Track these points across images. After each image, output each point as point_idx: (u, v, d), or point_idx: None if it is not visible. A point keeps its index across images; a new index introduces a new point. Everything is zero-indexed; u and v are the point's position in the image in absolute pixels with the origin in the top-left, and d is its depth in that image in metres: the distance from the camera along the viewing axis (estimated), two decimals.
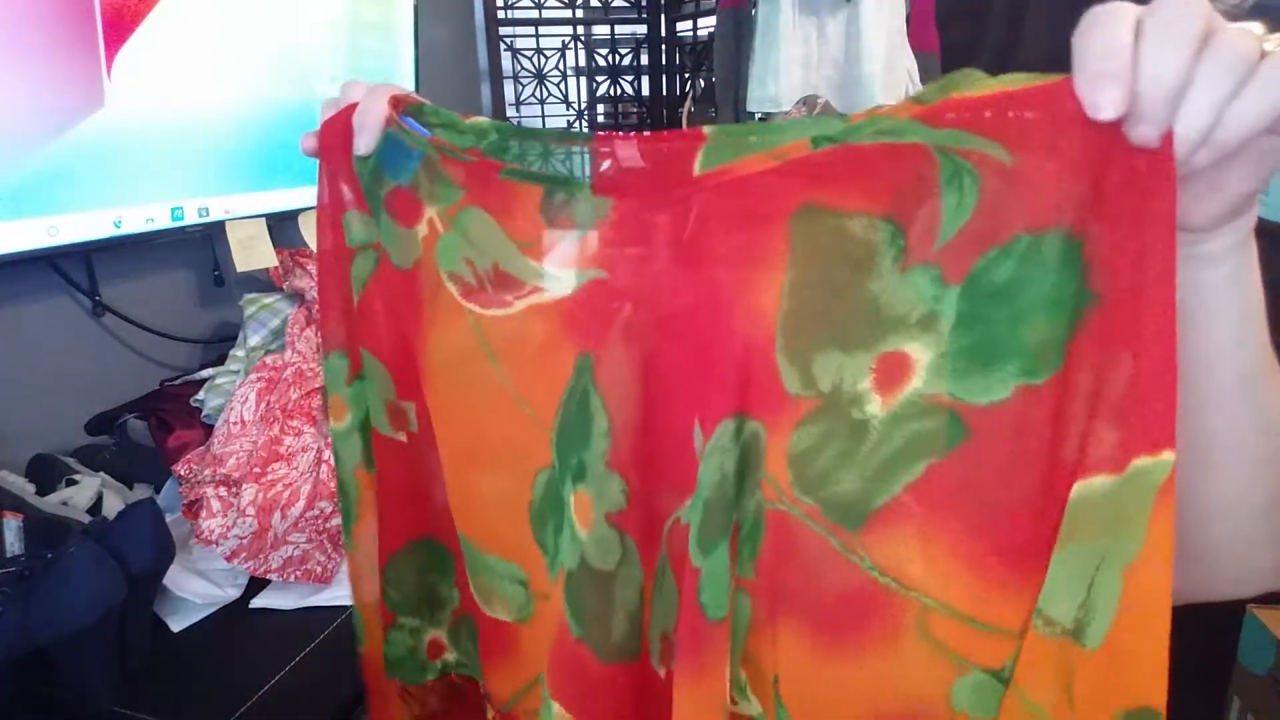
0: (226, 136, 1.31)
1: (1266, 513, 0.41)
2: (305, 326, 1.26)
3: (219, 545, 0.95)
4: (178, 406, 1.14)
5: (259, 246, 1.34)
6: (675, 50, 2.30)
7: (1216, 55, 0.30)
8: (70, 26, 1.03)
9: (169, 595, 0.90)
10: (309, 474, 1.08)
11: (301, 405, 1.13)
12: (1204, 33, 0.30)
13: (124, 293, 1.25)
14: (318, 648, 0.86)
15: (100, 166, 1.11)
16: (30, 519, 0.87)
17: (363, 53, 1.61)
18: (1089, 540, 0.34)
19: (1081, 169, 0.33)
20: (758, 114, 1.81)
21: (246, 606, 0.93)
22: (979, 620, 0.38)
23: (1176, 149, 0.31)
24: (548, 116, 2.35)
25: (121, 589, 0.74)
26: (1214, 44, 0.30)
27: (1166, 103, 0.31)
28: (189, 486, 1.02)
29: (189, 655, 0.86)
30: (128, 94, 1.11)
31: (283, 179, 1.44)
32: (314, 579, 0.95)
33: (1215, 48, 0.30)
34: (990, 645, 0.38)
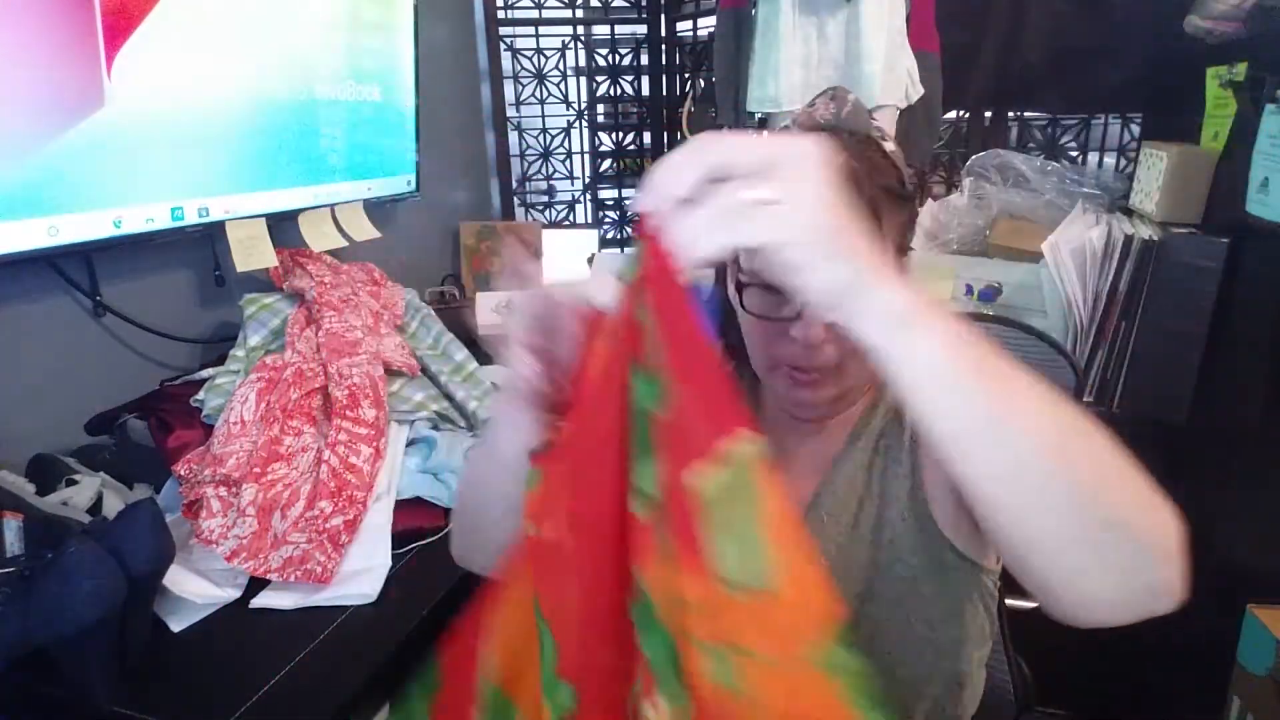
0: (226, 136, 1.31)
1: (1079, 546, 0.43)
2: (305, 326, 1.26)
3: (219, 545, 0.95)
4: (178, 406, 1.14)
5: (259, 246, 1.34)
6: (675, 50, 2.30)
7: (709, 198, 0.40)
8: (70, 26, 1.03)
9: (169, 595, 0.90)
10: (309, 474, 1.08)
11: (301, 405, 1.13)
12: (705, 178, 0.41)
13: (124, 293, 1.25)
14: (318, 648, 0.86)
15: (100, 166, 1.11)
16: (30, 519, 0.86)
17: (363, 53, 1.61)
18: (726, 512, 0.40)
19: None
20: (758, 114, 1.81)
21: (246, 606, 0.93)
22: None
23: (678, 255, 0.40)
24: (547, 116, 2.35)
25: (121, 589, 0.74)
26: (714, 190, 0.40)
27: (668, 219, 0.41)
28: (189, 486, 1.02)
29: (189, 655, 0.86)
30: (128, 94, 1.11)
31: (283, 179, 1.44)
32: (314, 579, 0.95)
33: (712, 193, 0.40)
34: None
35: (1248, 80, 1.34)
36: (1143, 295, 1.47)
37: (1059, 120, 1.96)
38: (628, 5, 2.32)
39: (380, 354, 1.24)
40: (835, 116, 0.72)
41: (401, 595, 0.95)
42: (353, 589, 0.95)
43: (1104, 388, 1.53)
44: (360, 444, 1.10)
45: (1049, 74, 1.85)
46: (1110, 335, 1.51)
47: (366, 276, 1.50)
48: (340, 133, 1.57)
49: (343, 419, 1.11)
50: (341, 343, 1.21)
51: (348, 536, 1.01)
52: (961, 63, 1.86)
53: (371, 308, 1.36)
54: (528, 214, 2.44)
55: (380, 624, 0.90)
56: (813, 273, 0.41)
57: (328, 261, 1.45)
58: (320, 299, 1.29)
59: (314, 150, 1.51)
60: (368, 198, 1.66)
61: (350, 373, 1.16)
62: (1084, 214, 1.60)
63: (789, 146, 0.41)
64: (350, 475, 1.06)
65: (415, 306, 1.51)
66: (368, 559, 1.01)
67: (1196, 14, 1.40)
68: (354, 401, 1.13)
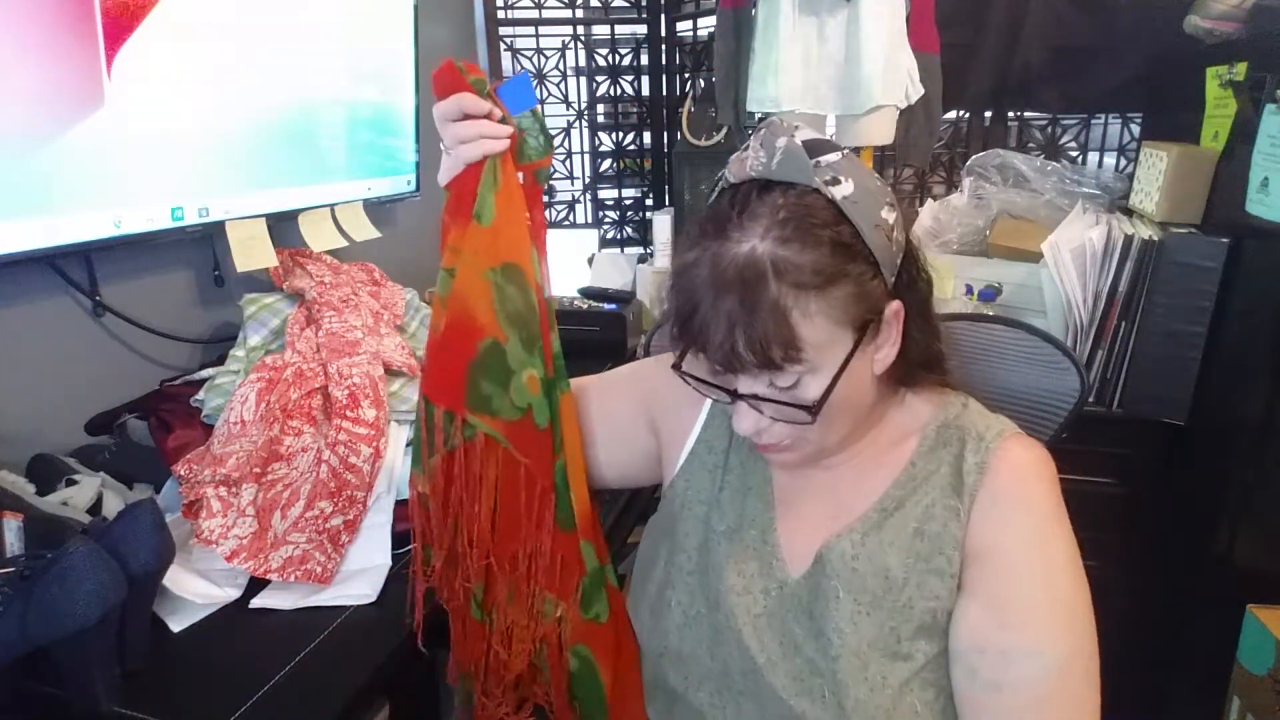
0: (226, 136, 1.31)
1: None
2: (305, 326, 1.26)
3: (219, 545, 0.95)
4: (178, 406, 1.14)
5: (259, 246, 1.34)
6: (675, 50, 2.30)
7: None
8: (70, 26, 1.03)
9: (169, 595, 0.90)
10: (309, 474, 1.08)
11: (301, 405, 1.13)
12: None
13: (124, 293, 1.25)
14: (318, 648, 0.86)
15: (100, 166, 1.11)
16: (30, 519, 0.86)
17: (363, 53, 1.61)
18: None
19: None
20: (758, 114, 1.81)
21: (246, 606, 0.93)
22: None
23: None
24: (548, 116, 2.35)
25: (121, 589, 0.74)
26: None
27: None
28: (189, 486, 1.02)
29: (189, 655, 0.86)
30: (128, 94, 1.11)
31: (283, 179, 1.44)
32: (314, 579, 0.95)
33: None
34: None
35: (1248, 80, 1.34)
36: (1143, 295, 1.47)
37: (1059, 120, 1.96)
38: (628, 5, 2.32)
39: (380, 354, 1.24)
40: (765, 167, 0.64)
41: (401, 595, 0.95)
42: (353, 589, 0.95)
43: (1104, 388, 1.54)
44: (360, 444, 1.10)
45: (1049, 74, 1.86)
46: (1110, 335, 1.51)
47: (366, 276, 1.50)
48: (340, 133, 1.57)
49: (343, 419, 1.11)
50: (341, 343, 1.21)
51: (348, 536, 1.01)
52: (961, 63, 1.86)
53: (371, 308, 1.36)
54: None
55: (380, 624, 0.90)
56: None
57: (328, 261, 1.45)
58: (320, 299, 1.29)
59: (314, 150, 1.51)
60: (368, 198, 1.66)
61: (350, 373, 1.16)
62: (1084, 214, 1.60)
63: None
64: (350, 475, 1.06)
65: (415, 306, 1.51)
66: (368, 559, 1.01)
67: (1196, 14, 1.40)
68: (354, 401, 1.13)
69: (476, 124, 0.71)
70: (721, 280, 0.61)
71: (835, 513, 0.74)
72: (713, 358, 0.63)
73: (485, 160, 0.72)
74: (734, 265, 0.60)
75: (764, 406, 0.65)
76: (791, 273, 0.60)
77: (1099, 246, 1.48)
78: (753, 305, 0.59)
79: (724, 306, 0.60)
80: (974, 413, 0.74)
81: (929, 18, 1.72)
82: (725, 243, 0.62)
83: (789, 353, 0.60)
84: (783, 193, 0.63)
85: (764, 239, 0.61)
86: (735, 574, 0.74)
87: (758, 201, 0.63)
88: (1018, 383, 0.87)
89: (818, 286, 0.61)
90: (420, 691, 1.03)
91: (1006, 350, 0.87)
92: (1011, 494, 0.68)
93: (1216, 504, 1.33)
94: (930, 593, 0.68)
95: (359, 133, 1.62)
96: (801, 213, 0.61)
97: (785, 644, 0.71)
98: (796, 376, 0.63)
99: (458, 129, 0.71)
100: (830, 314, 0.62)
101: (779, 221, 0.61)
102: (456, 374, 0.74)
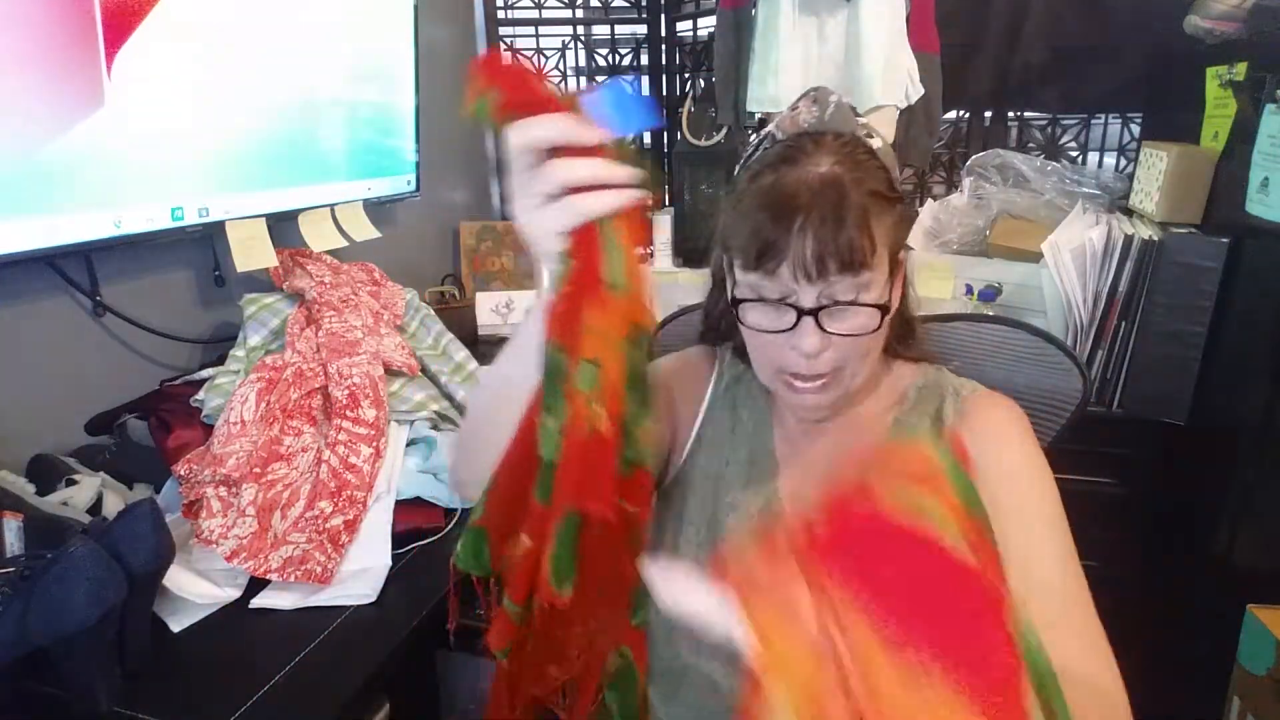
0: (226, 136, 1.31)
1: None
2: (305, 326, 1.26)
3: (219, 545, 0.95)
4: (178, 406, 1.14)
5: (259, 246, 1.34)
6: (675, 50, 2.30)
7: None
8: (70, 26, 1.03)
9: (169, 595, 0.90)
10: (309, 474, 1.08)
11: (301, 405, 1.13)
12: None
13: (124, 293, 1.25)
14: (318, 648, 0.86)
15: (100, 166, 1.11)
16: (30, 519, 0.87)
17: (363, 53, 1.61)
18: None
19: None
20: (758, 114, 1.81)
21: (246, 606, 0.93)
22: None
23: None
24: None
25: (121, 589, 0.74)
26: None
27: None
28: (189, 486, 1.02)
29: (189, 655, 0.86)
30: (128, 94, 1.11)
31: (283, 179, 1.44)
32: (314, 579, 0.95)
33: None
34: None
35: (1248, 80, 1.33)
36: (1143, 295, 1.47)
37: (1059, 120, 1.96)
38: (628, 5, 2.32)
39: (380, 354, 1.24)
40: (819, 119, 0.72)
41: (401, 595, 0.95)
42: (353, 589, 0.95)
43: (1104, 388, 1.53)
44: (360, 444, 1.10)
45: (1049, 74, 1.85)
46: (1110, 335, 1.51)
47: (366, 276, 1.50)
48: (340, 133, 1.57)
49: (343, 419, 1.11)
50: (341, 343, 1.21)
51: (348, 536, 1.01)
52: (961, 63, 1.86)
53: (371, 308, 1.36)
54: None
55: (380, 624, 0.90)
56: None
57: (328, 261, 1.45)
58: (320, 299, 1.29)
59: (314, 150, 1.51)
60: (368, 198, 1.66)
61: (350, 373, 1.16)
62: (1084, 214, 1.60)
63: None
64: (350, 475, 1.06)
65: (415, 306, 1.51)
66: (368, 559, 1.01)
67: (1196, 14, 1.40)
68: (354, 401, 1.13)
69: (591, 164, 0.53)
70: (807, 191, 0.66)
71: (836, 473, 0.78)
72: (795, 268, 0.66)
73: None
74: (819, 179, 0.67)
75: (832, 319, 0.68)
76: (867, 183, 0.67)
77: (1099, 246, 1.48)
78: (842, 206, 0.65)
79: (814, 214, 0.65)
80: (950, 375, 0.80)
81: (929, 18, 1.72)
82: (801, 165, 0.68)
83: (867, 257, 0.66)
84: (835, 137, 0.70)
85: (837, 163, 0.68)
86: (733, 496, 0.79)
87: (815, 143, 0.70)
88: (1019, 383, 0.87)
89: (886, 201, 0.68)
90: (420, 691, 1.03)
91: (1007, 351, 0.88)
92: (985, 427, 0.74)
93: (1216, 504, 1.33)
94: None
95: (359, 133, 1.62)
96: (857, 151, 0.69)
97: None
98: (856, 292, 0.68)
99: (565, 171, 0.52)
100: (887, 231, 0.69)
101: (844, 153, 0.69)
102: (608, 477, 0.59)
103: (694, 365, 0.88)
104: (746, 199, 0.69)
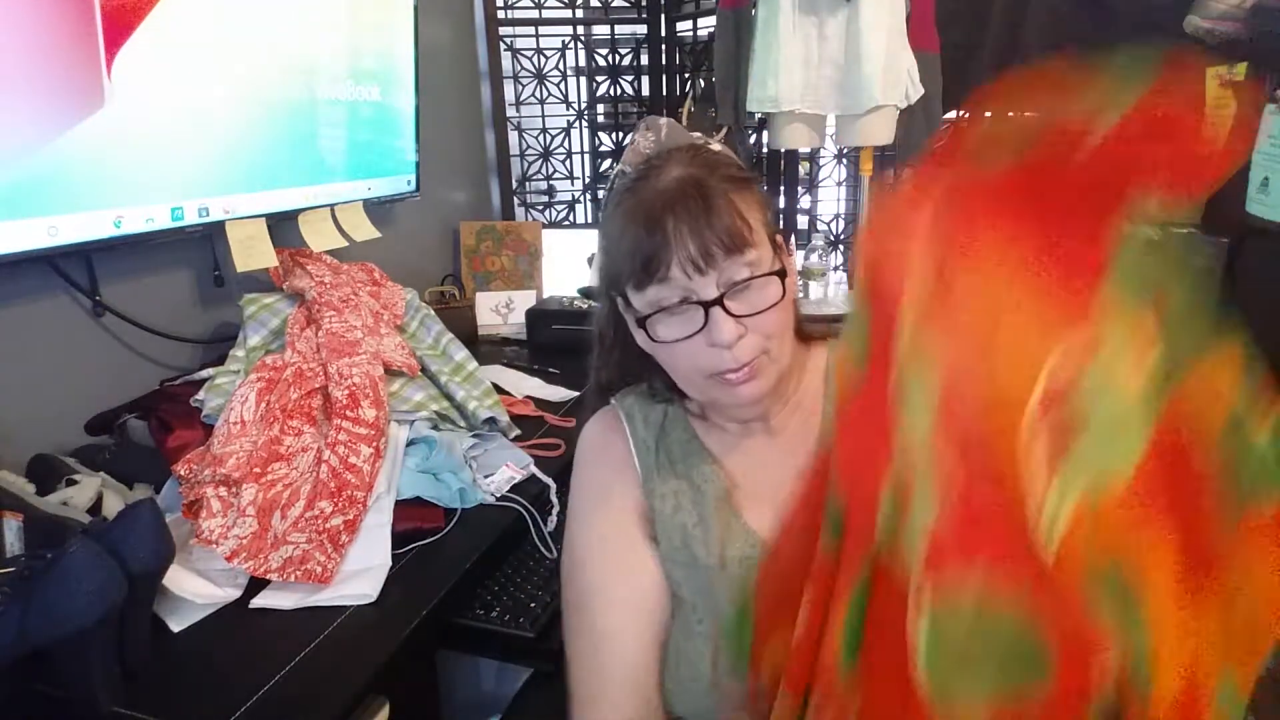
0: (226, 136, 1.31)
1: None
2: (305, 326, 1.26)
3: (219, 545, 0.95)
4: (178, 406, 1.14)
5: (259, 246, 1.34)
6: (675, 50, 2.30)
7: None
8: (70, 26, 1.03)
9: (169, 595, 0.90)
10: (309, 474, 1.08)
11: (301, 405, 1.13)
12: None
13: (124, 293, 1.25)
14: (318, 648, 0.86)
15: (100, 166, 1.11)
16: (30, 519, 0.87)
17: (363, 53, 1.61)
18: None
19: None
20: (758, 114, 1.81)
21: (246, 606, 0.93)
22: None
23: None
24: (548, 116, 2.36)
25: (121, 589, 0.74)
26: None
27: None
28: (189, 486, 1.02)
29: (189, 655, 0.86)
30: (128, 94, 1.11)
31: (283, 179, 1.44)
32: (314, 579, 0.95)
33: None
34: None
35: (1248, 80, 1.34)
36: None
37: None
38: (628, 5, 2.32)
39: (380, 354, 1.24)
40: (657, 142, 0.75)
41: (401, 595, 0.95)
42: (353, 589, 0.95)
43: None
44: (360, 444, 1.10)
45: None
46: None
47: (366, 276, 1.50)
48: (340, 133, 1.57)
49: (343, 419, 1.11)
50: (341, 343, 1.21)
51: (348, 536, 1.01)
52: (961, 63, 1.86)
53: (371, 308, 1.36)
54: (528, 214, 2.44)
55: (380, 624, 0.90)
56: None
57: (328, 261, 1.45)
58: (320, 299, 1.29)
59: (314, 150, 1.51)
60: (368, 198, 1.66)
61: (350, 373, 1.16)
62: None
63: None
64: (350, 475, 1.06)
65: (415, 306, 1.51)
66: (368, 559, 1.01)
67: (1196, 14, 1.40)
68: (354, 401, 1.13)
69: None
70: (668, 195, 0.69)
71: (797, 473, 0.73)
72: (683, 265, 0.67)
73: None
74: (674, 182, 0.69)
75: (738, 302, 0.68)
76: (719, 170, 0.70)
77: None
78: (705, 199, 0.68)
79: (681, 210, 0.68)
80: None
81: (929, 18, 1.72)
82: (654, 176, 0.71)
83: (745, 234, 0.68)
84: (678, 150, 0.73)
85: (685, 167, 0.70)
86: (714, 557, 0.75)
87: (663, 157, 0.72)
88: None
89: (741, 181, 0.71)
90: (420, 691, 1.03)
91: None
92: None
93: None
94: None
95: (359, 133, 1.62)
96: (703, 152, 0.73)
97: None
98: (748, 271, 0.69)
99: None
100: (755, 209, 0.71)
101: (689, 157, 0.72)
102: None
103: (601, 455, 0.82)
104: (615, 224, 0.71)
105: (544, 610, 1.03)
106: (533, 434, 1.39)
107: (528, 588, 1.07)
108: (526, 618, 1.01)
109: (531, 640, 1.00)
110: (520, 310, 2.01)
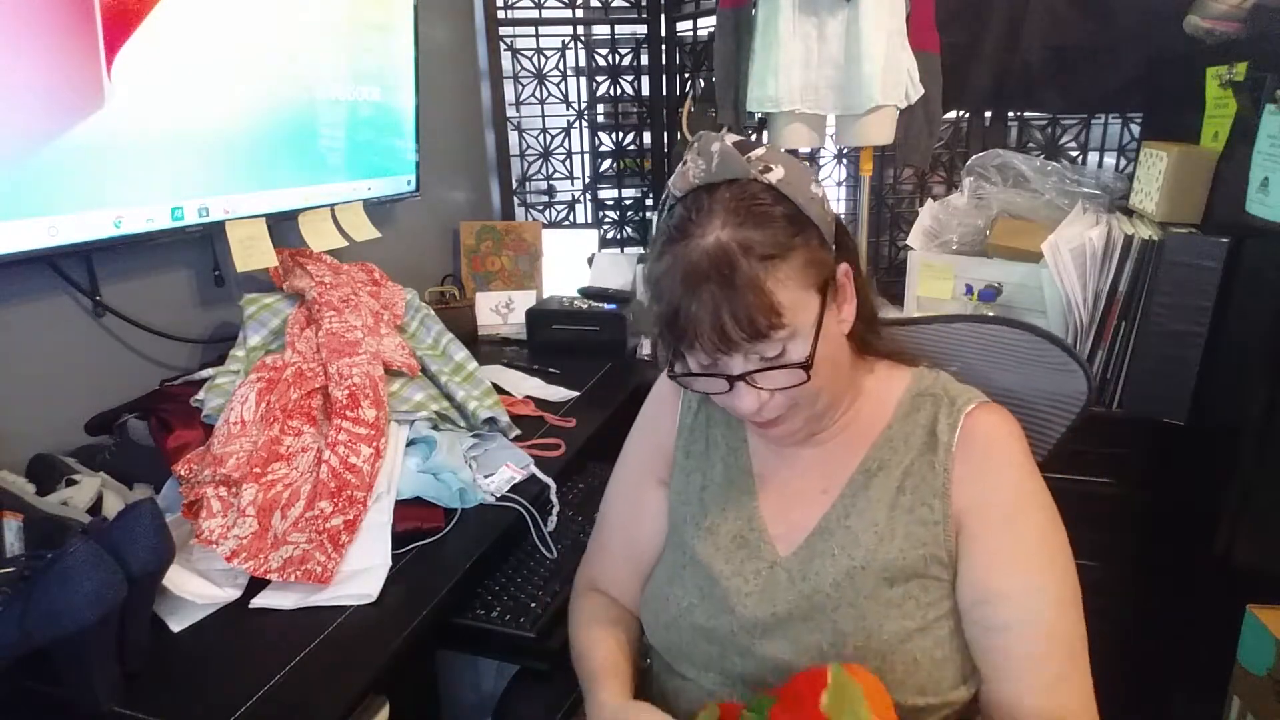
0: (226, 136, 1.31)
1: None
2: (305, 326, 1.26)
3: (219, 545, 0.95)
4: (178, 406, 1.14)
5: (259, 246, 1.34)
6: (675, 50, 2.30)
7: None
8: (70, 26, 1.03)
9: (169, 595, 0.90)
10: (309, 474, 1.08)
11: (301, 405, 1.13)
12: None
13: (124, 293, 1.25)
14: (318, 648, 0.86)
15: (100, 166, 1.11)
16: (30, 519, 0.86)
17: (363, 53, 1.61)
18: None
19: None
20: (758, 114, 1.81)
21: (246, 606, 0.93)
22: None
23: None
24: (547, 116, 2.35)
25: (121, 589, 0.74)
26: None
27: None
28: (189, 486, 1.02)
29: (189, 655, 0.86)
30: (128, 94, 1.11)
31: (283, 179, 1.44)
32: (314, 579, 0.95)
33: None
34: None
35: (1248, 80, 1.33)
36: (1143, 295, 1.47)
37: (1059, 120, 1.96)
38: (628, 5, 2.32)
39: (380, 354, 1.24)
40: (706, 171, 0.70)
41: (401, 595, 0.95)
42: (353, 589, 0.95)
43: (1104, 387, 1.53)
44: (360, 444, 1.10)
45: (1049, 74, 1.85)
46: (1110, 335, 1.51)
47: (366, 276, 1.50)
48: (340, 133, 1.57)
49: (343, 419, 1.11)
50: (341, 343, 1.21)
51: (348, 536, 1.01)
52: (961, 63, 1.86)
53: (371, 308, 1.36)
54: (528, 214, 2.44)
55: (380, 624, 0.90)
56: None
57: (328, 261, 1.45)
58: (320, 299, 1.29)
59: (314, 150, 1.51)
60: (368, 198, 1.66)
61: (350, 373, 1.16)
62: (1084, 214, 1.59)
63: None
64: (350, 475, 1.06)
65: (415, 306, 1.51)
66: (368, 559, 1.01)
67: (1196, 14, 1.40)
68: (354, 401, 1.13)
69: None
70: (697, 272, 0.67)
71: (825, 486, 0.79)
72: (705, 346, 0.68)
73: None
74: (705, 256, 0.67)
75: (760, 380, 0.70)
76: (756, 248, 0.67)
77: (1099, 246, 1.48)
78: (731, 283, 0.66)
79: (705, 293, 0.66)
80: (946, 381, 0.80)
81: (929, 18, 1.72)
82: (690, 240, 0.68)
83: (772, 320, 0.66)
84: (727, 188, 0.69)
85: (723, 228, 0.67)
86: (723, 562, 0.79)
87: (708, 200, 0.69)
88: (1020, 385, 0.86)
89: (780, 255, 0.67)
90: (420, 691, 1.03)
91: (1009, 351, 0.87)
92: (988, 453, 0.74)
93: (1216, 504, 1.33)
94: (917, 540, 0.73)
95: (359, 133, 1.62)
96: (748, 200, 0.69)
97: (778, 613, 0.75)
98: (781, 345, 0.69)
99: None
100: (796, 278, 0.68)
101: (731, 211, 0.68)
102: None
103: (662, 398, 0.92)
104: (651, 277, 0.72)
105: (544, 610, 1.03)
106: (533, 434, 1.39)
107: (528, 588, 1.07)
108: (526, 617, 1.01)
109: (531, 640, 1.00)
110: (520, 310, 2.01)
